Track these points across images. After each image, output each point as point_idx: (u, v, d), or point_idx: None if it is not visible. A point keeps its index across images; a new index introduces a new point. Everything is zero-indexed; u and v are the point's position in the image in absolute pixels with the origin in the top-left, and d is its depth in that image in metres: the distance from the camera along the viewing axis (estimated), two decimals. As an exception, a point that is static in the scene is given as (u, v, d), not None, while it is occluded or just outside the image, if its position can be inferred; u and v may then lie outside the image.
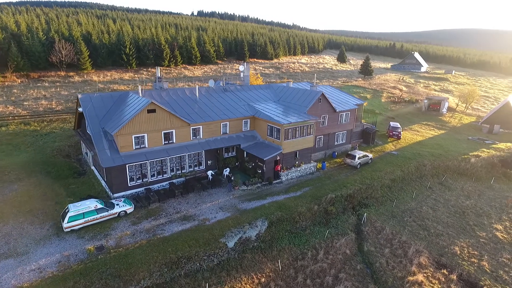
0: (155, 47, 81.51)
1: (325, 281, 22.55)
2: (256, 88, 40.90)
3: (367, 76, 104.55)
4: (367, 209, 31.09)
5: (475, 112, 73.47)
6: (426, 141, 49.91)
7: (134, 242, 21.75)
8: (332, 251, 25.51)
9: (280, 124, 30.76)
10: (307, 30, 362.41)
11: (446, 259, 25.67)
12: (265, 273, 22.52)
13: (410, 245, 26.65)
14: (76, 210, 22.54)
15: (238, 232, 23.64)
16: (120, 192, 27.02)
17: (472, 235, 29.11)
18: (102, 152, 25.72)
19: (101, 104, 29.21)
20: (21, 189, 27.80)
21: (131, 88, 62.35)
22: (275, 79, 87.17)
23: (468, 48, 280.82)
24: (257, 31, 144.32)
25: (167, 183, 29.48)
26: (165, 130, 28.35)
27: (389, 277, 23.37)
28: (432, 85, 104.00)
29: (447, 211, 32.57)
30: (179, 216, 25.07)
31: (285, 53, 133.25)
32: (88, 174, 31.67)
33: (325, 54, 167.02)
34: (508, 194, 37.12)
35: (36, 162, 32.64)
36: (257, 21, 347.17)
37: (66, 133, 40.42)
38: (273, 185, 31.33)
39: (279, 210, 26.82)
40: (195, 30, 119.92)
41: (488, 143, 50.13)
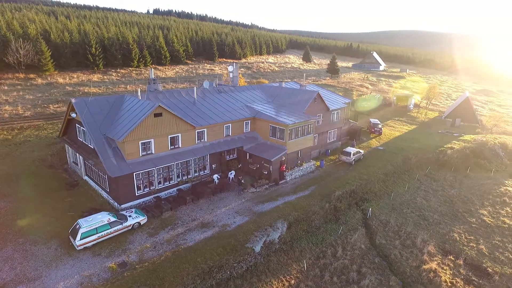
0: (123, 47, 77.27)
1: (350, 277, 23.05)
2: (248, 88, 40.53)
3: (334, 75, 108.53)
4: (369, 204, 32.28)
5: (436, 108, 79.65)
6: (404, 136, 53.08)
7: (158, 255, 20.46)
8: (349, 247, 26.15)
9: (285, 124, 30.80)
10: (265, 29, 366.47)
11: (449, 246, 27.54)
12: (292, 274, 22.44)
13: (416, 235, 28.19)
14: (88, 225, 20.65)
15: (262, 235, 23.27)
16: (128, 203, 25.27)
17: (464, 221, 31.52)
18: (108, 161, 23.82)
19: (97, 109, 27.02)
20: (9, 206, 24.83)
21: (103, 90, 58.58)
22: (249, 79, 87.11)
23: (415, 48, 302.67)
24: (220, 31, 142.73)
25: (173, 190, 28.14)
26: (171, 135, 27.01)
27: (406, 268, 24.52)
28: (393, 83, 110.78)
29: (438, 201, 34.94)
30: (197, 224, 24.06)
31: (252, 53, 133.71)
32: (82, 185, 29.14)
33: (289, 53, 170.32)
34: (483, 181, 40.73)
35: (18, 175, 29.34)
36: (215, 20, 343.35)
37: (44, 141, 36.86)
38: (279, 185, 31.30)
39: (295, 211, 26.88)
40: (158, 29, 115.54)
41: (456, 136, 54.63)
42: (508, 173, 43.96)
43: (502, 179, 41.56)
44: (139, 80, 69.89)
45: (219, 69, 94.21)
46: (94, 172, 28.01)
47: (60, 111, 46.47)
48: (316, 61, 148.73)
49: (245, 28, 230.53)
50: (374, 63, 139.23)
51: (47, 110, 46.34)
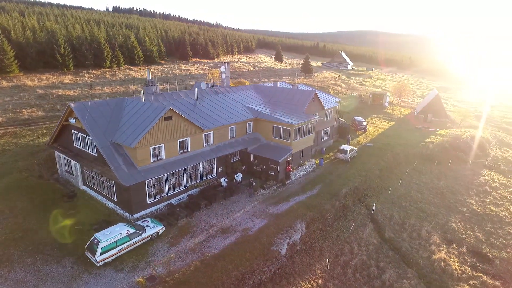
0: (93, 46, 72.96)
1: (371, 272, 23.68)
2: (243, 89, 40.07)
3: (308, 74, 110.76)
4: (370, 199, 33.34)
5: (407, 104, 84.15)
6: (386, 132, 55.46)
7: (186, 265, 19.57)
8: (362, 242, 26.82)
9: (291, 124, 30.85)
10: (230, 28, 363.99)
11: (450, 235, 29.26)
12: (317, 274, 22.58)
13: (420, 227, 29.60)
14: (107, 239, 19.24)
15: (284, 237, 23.13)
16: (140, 212, 23.90)
17: (457, 211, 33.64)
18: (119, 169, 22.34)
19: (99, 113, 25.22)
20: (6, 222, 22.44)
21: (78, 93, 54.93)
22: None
23: (375, 49, 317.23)
24: (189, 30, 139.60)
25: (184, 196, 27.09)
26: (180, 139, 25.94)
27: (418, 259, 25.66)
28: (363, 81, 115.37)
29: (430, 193, 36.96)
30: (216, 230, 23.34)
31: (224, 53, 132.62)
32: (80, 195, 27.07)
33: (259, 53, 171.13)
34: (464, 173, 43.73)
35: (7, 188, 26.60)
36: (179, 19, 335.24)
37: (25, 149, 33.74)
38: (287, 186, 31.30)
39: (309, 210, 27.03)
40: (125, 27, 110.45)
41: (432, 131, 58.14)
42: (482, 164, 47.53)
43: (478, 170, 44.93)
44: (114, 81, 66.45)
45: (195, 69, 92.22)
46: (96, 181, 26.16)
47: (36, 116, 42.83)
48: (287, 61, 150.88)
49: (211, 27, 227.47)
50: (342, 62, 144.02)
51: (20, 115, 42.47)
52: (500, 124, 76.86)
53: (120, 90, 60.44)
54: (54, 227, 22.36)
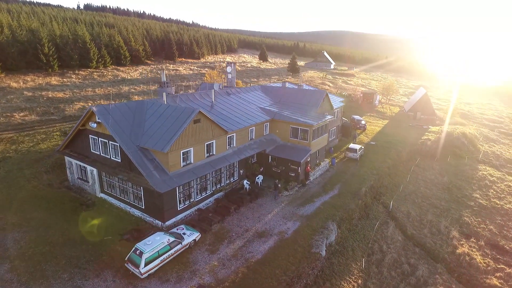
0: (78, 46, 69.58)
1: (404, 269, 24.05)
2: (251, 90, 39.59)
3: (295, 73, 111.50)
4: (385, 197, 33.94)
5: (395, 103, 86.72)
6: (384, 130, 56.80)
7: (233, 273, 18.96)
8: (389, 240, 27.20)
9: (310, 125, 30.78)
10: (206, 28, 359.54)
11: (466, 229, 30.32)
12: (355, 274, 22.61)
13: (437, 223, 30.47)
14: (150, 249, 18.27)
15: (321, 238, 22.99)
16: (171, 219, 22.93)
17: (466, 205, 34.95)
18: (150, 175, 21.29)
19: (120, 117, 23.92)
20: (29, 236, 20.76)
21: (69, 95, 52.20)
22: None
23: (354, 49, 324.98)
24: (170, 29, 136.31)
25: (210, 200, 26.31)
26: (207, 142, 25.16)
27: (444, 254, 26.36)
28: (348, 81, 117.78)
29: (437, 189, 38.18)
30: (252, 234, 22.82)
31: (209, 52, 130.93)
32: (99, 203, 25.60)
33: (241, 53, 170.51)
34: (462, 168, 45.55)
35: (19, 199, 24.68)
36: (154, 17, 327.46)
37: (27, 156, 31.54)
38: (307, 186, 31.21)
39: (336, 210, 27.07)
40: (105, 26, 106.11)
41: (425, 128, 60.23)
42: (475, 159, 49.73)
43: (474, 165, 46.95)
44: (104, 82, 63.77)
45: (183, 69, 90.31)
46: (118, 188, 24.83)
47: (29, 120, 40.17)
48: (270, 60, 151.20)
49: (189, 27, 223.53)
50: (325, 62, 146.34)
51: (12, 119, 39.67)
52: (481, 121, 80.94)
53: (112, 92, 58.02)
54: (82, 239, 20.95)
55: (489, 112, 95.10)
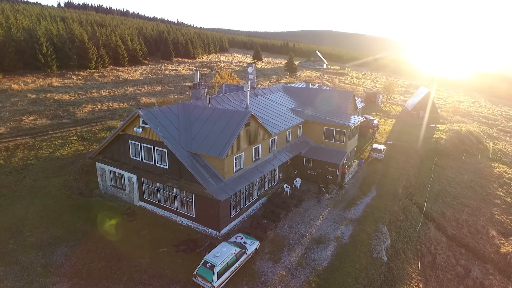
0: (76, 46, 66.76)
1: (458, 271, 23.93)
2: (274, 90, 38.85)
3: (292, 73, 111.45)
4: (416, 197, 33.91)
5: (395, 102, 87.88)
6: (394, 129, 57.21)
7: (305, 283, 18.19)
8: (434, 242, 27.06)
9: (346, 126, 30.34)
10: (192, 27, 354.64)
11: (502, 228, 30.63)
12: (413, 278, 22.29)
13: (474, 222, 30.65)
14: (221, 261, 17.25)
15: (379, 243, 22.55)
16: (225, 228, 21.90)
17: (493, 203, 35.39)
18: (207, 183, 20.21)
19: (167, 121, 22.66)
20: (80, 251, 19.28)
21: (75, 97, 49.92)
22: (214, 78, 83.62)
23: (341, 48, 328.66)
24: (159, 28, 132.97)
25: (255, 206, 25.41)
26: (255, 145, 24.25)
27: (490, 254, 26.45)
28: (344, 80, 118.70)
29: (461, 187, 38.55)
30: (309, 241, 22.10)
31: (203, 52, 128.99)
32: (140, 212, 24.21)
33: (233, 52, 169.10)
34: (478, 166, 46.32)
35: (57, 211, 23.02)
36: (139, 16, 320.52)
37: (50, 163, 29.68)
38: (344, 188, 30.75)
39: (382, 213, 26.73)
40: (94, 25, 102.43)
41: (433, 127, 61.12)
42: (486, 156, 50.75)
43: (487, 162, 47.84)
44: (107, 83, 61.45)
45: (182, 69, 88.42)
46: (162, 196, 23.55)
47: (41, 125, 37.95)
48: (264, 60, 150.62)
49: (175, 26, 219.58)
50: (319, 61, 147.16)
51: (23, 124, 37.35)
52: (478, 119, 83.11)
53: (118, 93, 55.97)
54: (136, 251, 19.64)
55: (482, 110, 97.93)
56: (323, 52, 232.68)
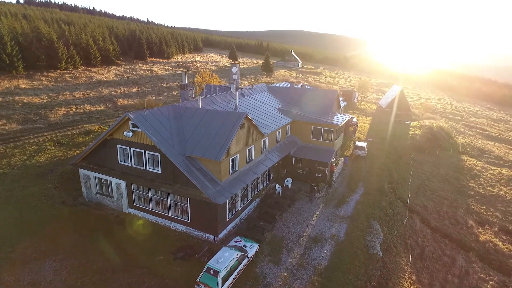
0: (44, 45, 63.03)
1: (445, 261, 25.04)
2: (260, 91, 38.76)
3: (269, 73, 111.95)
4: (399, 192, 35.13)
5: (369, 100, 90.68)
6: (372, 127, 59.03)
7: (309, 283, 18.26)
8: (420, 234, 28.15)
9: (334, 125, 30.85)
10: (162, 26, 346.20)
11: (478, 218, 32.47)
12: (406, 271, 23.01)
13: (453, 213, 32.25)
14: (225, 267, 16.91)
15: (373, 239, 23.13)
16: (223, 231, 21.51)
17: (468, 195, 37.44)
18: (205, 186, 19.74)
19: (158, 124, 21.86)
20: (70, 265, 18.13)
21: (46, 100, 47.12)
22: (192, 79, 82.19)
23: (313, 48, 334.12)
24: (129, 27, 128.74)
25: (249, 208, 25.19)
26: (248, 147, 24.02)
27: (471, 243, 27.93)
28: (319, 79, 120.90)
29: (438, 181, 40.45)
30: (306, 240, 22.23)
31: (177, 52, 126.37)
32: (130, 220, 23.22)
33: (208, 52, 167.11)
34: (451, 160, 48.82)
35: (39, 222, 21.51)
36: (106, 14, 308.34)
37: (26, 171, 27.75)
38: (333, 186, 31.25)
39: (372, 209, 27.45)
40: (63, 24, 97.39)
41: (407, 123, 63.71)
42: (457, 150, 53.63)
43: (459, 156, 50.61)
44: (79, 85, 58.55)
45: (158, 69, 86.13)
46: (153, 202, 22.73)
47: (11, 130, 35.42)
48: (240, 60, 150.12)
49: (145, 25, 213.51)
50: (294, 61, 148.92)
51: (-10, 129, 34.68)
52: (446, 115, 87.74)
53: (93, 95, 53.52)
54: (132, 261, 18.80)
55: (447, 107, 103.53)
56: (296, 52, 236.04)
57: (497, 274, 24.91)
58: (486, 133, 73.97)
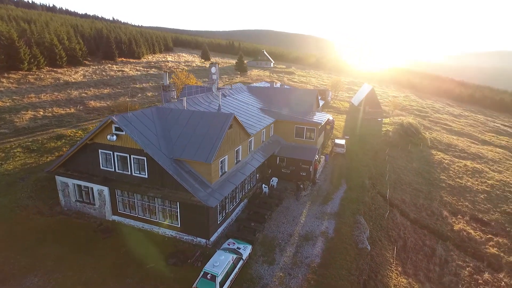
0: (3, 44, 58.75)
1: (426, 251, 26.35)
2: (240, 91, 38.59)
3: (243, 72, 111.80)
4: (378, 187, 36.46)
5: (342, 98, 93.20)
6: (347, 124, 60.73)
7: (305, 281, 18.45)
8: (402, 227, 29.36)
9: (317, 123, 31.38)
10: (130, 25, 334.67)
11: (450, 208, 34.43)
12: (392, 263, 23.90)
13: (429, 205, 33.96)
14: (222, 270, 16.67)
15: (361, 234, 23.76)
16: (214, 234, 21.16)
17: (440, 187, 39.59)
18: (196, 190, 19.33)
19: (143, 127, 21.10)
20: (53, 280, 17.01)
21: (10, 104, 43.97)
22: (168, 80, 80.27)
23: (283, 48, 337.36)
24: (94, 25, 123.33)
25: (238, 209, 24.99)
26: (236, 147, 23.82)
27: (447, 232, 29.58)
28: (293, 79, 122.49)
29: (412, 174, 42.42)
30: (298, 239, 22.43)
31: (147, 52, 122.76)
32: (115, 228, 22.24)
33: (179, 52, 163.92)
34: (421, 154, 51.35)
35: (16, 235, 20.01)
36: (68, 12, 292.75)
37: (-6, 181, 25.75)
38: (317, 184, 31.78)
39: (357, 204, 28.23)
40: (23, 22, 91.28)
41: (380, 121, 66.20)
42: (426, 145, 56.52)
43: (428, 150, 53.36)
44: (46, 86, 55.24)
45: (129, 69, 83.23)
46: (140, 208, 21.92)
47: (-28, 137, 32.71)
48: (212, 60, 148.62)
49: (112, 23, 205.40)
50: (266, 61, 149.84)
51: (-51, 137, 31.83)
52: (412, 112, 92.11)
53: (61, 97, 50.73)
54: (122, 271, 18.00)
55: (413, 103, 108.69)
56: (267, 52, 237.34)
57: (472, 260, 26.58)
58: (450, 128, 78.44)
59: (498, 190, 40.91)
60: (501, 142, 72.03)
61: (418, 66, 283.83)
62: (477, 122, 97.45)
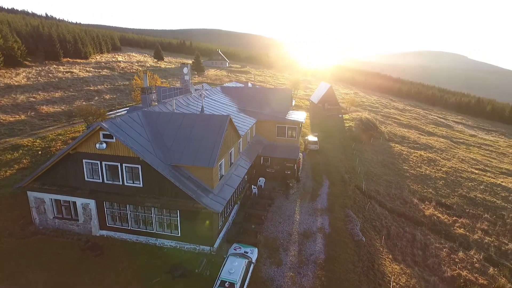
0: None
1: (408, 237, 28.21)
2: (216, 92, 37.81)
3: (200, 72, 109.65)
4: (354, 180, 38.28)
5: (301, 96, 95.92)
6: (313, 122, 62.70)
7: (316, 278, 18.71)
8: (382, 217, 31.12)
9: (298, 122, 31.94)
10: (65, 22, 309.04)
11: (418, 195, 37.38)
12: (382, 252, 25.25)
13: (400, 194, 36.51)
14: (238, 277, 16.24)
15: (354, 227, 24.70)
16: (217, 241, 20.45)
17: (405, 176, 42.79)
18: (198, 195, 18.52)
19: (134, 133, 19.61)
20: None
21: None
22: (122, 81, 75.79)
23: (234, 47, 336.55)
24: (27, 22, 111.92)
25: (233, 212, 24.49)
26: (230, 149, 23.28)
27: (420, 218, 32.04)
28: (250, 78, 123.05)
29: (379, 167, 45.26)
30: (297, 238, 22.63)
31: (95, 51, 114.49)
32: (105, 244, 20.42)
33: (129, 51, 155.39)
34: (382, 147, 54.96)
35: None
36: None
37: None
38: (301, 181, 32.35)
39: (343, 199, 29.31)
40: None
41: (340, 117, 69.43)
42: (384, 138, 60.70)
43: (388, 143, 57.35)
44: (-16, 91, 48.68)
45: (79, 71, 76.87)
46: (132, 219, 20.40)
47: None
48: (166, 60, 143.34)
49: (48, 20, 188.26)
50: (221, 60, 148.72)
51: None
52: (366, 108, 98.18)
53: (6, 103, 45.28)
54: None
55: (364, 100, 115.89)
56: (221, 51, 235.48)
57: (447, 242, 29.13)
58: (399, 122, 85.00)
59: (452, 176, 45.39)
60: (442, 133, 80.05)
61: (354, 64, 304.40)
62: (419, 115, 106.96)
